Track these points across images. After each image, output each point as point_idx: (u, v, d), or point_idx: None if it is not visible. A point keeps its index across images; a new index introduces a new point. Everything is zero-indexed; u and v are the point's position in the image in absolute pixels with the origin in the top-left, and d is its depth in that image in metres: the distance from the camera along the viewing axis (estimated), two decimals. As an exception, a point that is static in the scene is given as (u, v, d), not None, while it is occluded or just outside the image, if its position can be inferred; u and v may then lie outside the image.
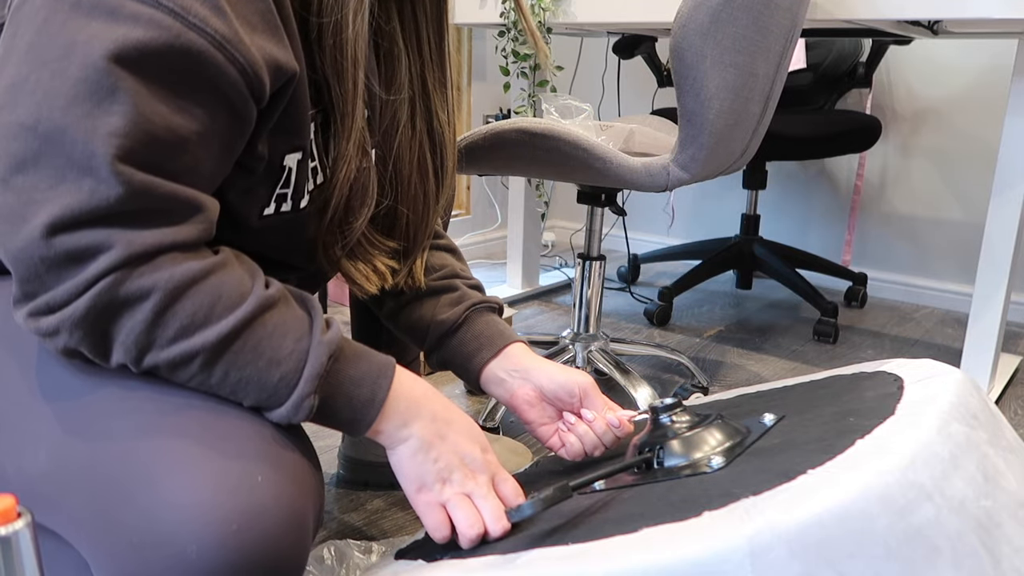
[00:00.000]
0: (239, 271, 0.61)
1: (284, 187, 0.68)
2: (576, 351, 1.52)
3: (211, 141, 0.58)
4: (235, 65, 0.56)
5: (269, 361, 0.60)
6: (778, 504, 0.49)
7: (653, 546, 0.50)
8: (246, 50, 0.57)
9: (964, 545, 0.48)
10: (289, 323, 0.62)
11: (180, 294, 0.57)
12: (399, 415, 0.67)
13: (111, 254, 0.54)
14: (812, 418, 0.67)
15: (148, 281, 0.56)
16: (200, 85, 0.56)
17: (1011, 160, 1.49)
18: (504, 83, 1.96)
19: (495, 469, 0.71)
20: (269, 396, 0.60)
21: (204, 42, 0.55)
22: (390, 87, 0.80)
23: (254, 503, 0.55)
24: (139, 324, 0.56)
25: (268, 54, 0.59)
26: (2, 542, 0.40)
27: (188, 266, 0.57)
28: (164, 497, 0.54)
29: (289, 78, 0.62)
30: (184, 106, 0.56)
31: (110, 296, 0.55)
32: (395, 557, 0.74)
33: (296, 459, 0.61)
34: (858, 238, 2.45)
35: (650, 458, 0.69)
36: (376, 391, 0.66)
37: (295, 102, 0.64)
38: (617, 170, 1.20)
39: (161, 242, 0.56)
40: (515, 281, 2.33)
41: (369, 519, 1.14)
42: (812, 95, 2.30)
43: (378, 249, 0.82)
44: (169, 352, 0.58)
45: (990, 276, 1.55)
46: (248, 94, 0.59)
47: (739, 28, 1.13)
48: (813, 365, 1.83)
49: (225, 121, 0.59)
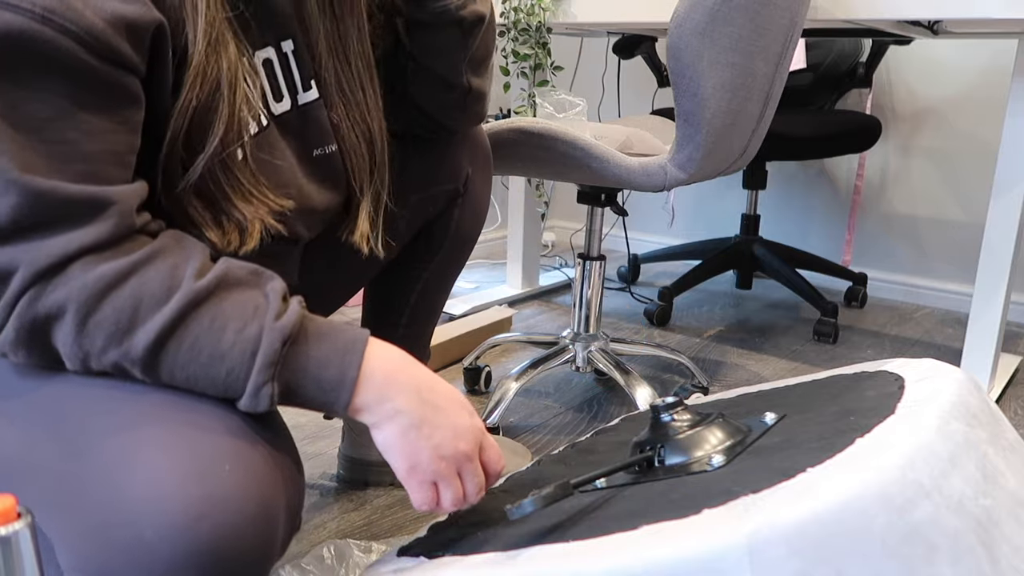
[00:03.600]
0: (169, 261, 0.58)
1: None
2: (576, 351, 1.52)
3: (86, 121, 0.55)
4: (69, 35, 0.52)
5: (211, 357, 0.58)
6: (777, 502, 0.49)
7: (653, 543, 0.50)
8: (77, 16, 0.52)
9: (962, 544, 0.48)
10: (229, 312, 0.58)
11: (97, 303, 0.55)
12: (377, 390, 0.63)
13: (19, 275, 0.54)
14: (813, 417, 0.67)
15: (61, 295, 0.55)
16: (38, 66, 0.52)
17: (1011, 160, 1.49)
18: (504, 83, 1.97)
19: (480, 434, 0.69)
20: (224, 390, 0.59)
21: (23, 19, 0.51)
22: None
23: (218, 491, 0.54)
24: (68, 336, 0.55)
25: (111, 12, 0.54)
26: (2, 542, 0.40)
27: (101, 271, 0.55)
28: (127, 481, 0.54)
29: (155, 31, 0.58)
30: (32, 93, 0.53)
31: (31, 316, 0.55)
32: (397, 554, 0.74)
33: (267, 451, 0.59)
34: (858, 238, 2.45)
35: (651, 456, 0.69)
36: (345, 369, 0.62)
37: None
38: (615, 170, 1.20)
39: (67, 249, 0.54)
40: (515, 281, 2.33)
41: (369, 519, 1.14)
42: (812, 95, 2.31)
43: (256, 201, 0.69)
44: (106, 360, 0.57)
45: (990, 276, 1.55)
46: (98, 62, 0.54)
47: (736, 28, 1.13)
48: (813, 365, 1.83)
49: (91, 97, 0.55)
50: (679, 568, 0.48)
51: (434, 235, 1.07)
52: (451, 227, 1.07)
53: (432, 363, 1.71)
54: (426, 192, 1.02)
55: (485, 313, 1.94)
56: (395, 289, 1.11)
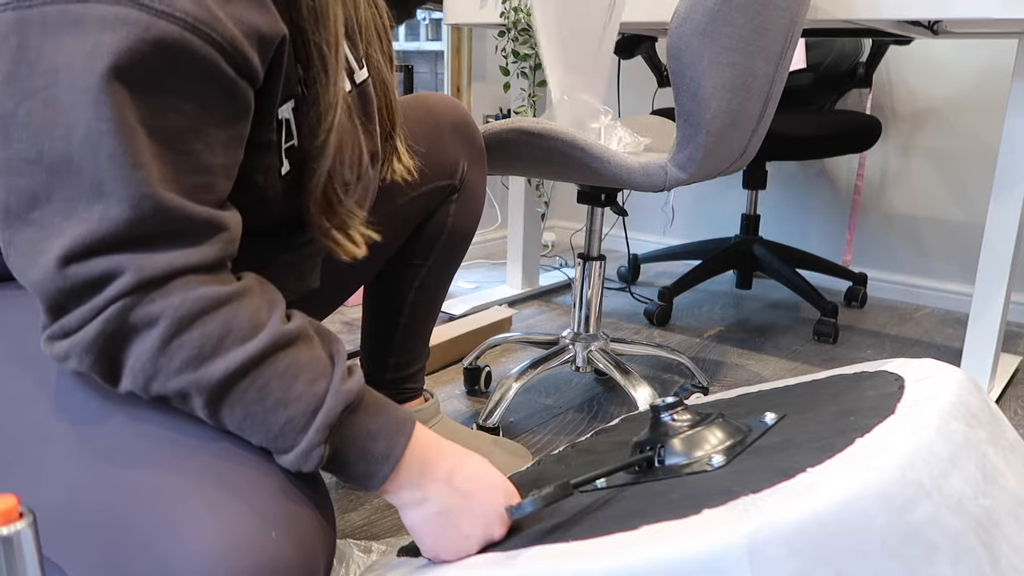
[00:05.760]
0: (257, 301, 0.58)
1: (288, 139, 0.65)
2: (576, 351, 1.52)
3: (211, 134, 0.56)
4: (214, 46, 0.53)
5: (276, 402, 0.57)
6: (777, 502, 0.49)
7: (653, 543, 0.50)
8: (222, 26, 0.53)
9: (962, 543, 0.48)
10: (304, 364, 0.58)
11: (189, 323, 0.55)
12: (412, 476, 0.64)
13: (122, 280, 0.53)
14: (813, 417, 0.67)
15: (157, 308, 0.54)
16: (184, 76, 0.53)
17: (1011, 160, 1.49)
18: (504, 83, 1.97)
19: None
20: (274, 438, 0.58)
21: (176, 28, 0.51)
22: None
23: (266, 561, 0.54)
24: (146, 352, 0.55)
25: (248, 24, 0.55)
26: (4, 542, 0.40)
27: (201, 293, 0.55)
28: (178, 549, 0.53)
29: (279, 44, 0.58)
30: (174, 103, 0.53)
31: (119, 322, 0.54)
32: (397, 554, 0.74)
33: (310, 515, 0.59)
34: (858, 238, 2.45)
35: (651, 456, 0.69)
36: (392, 447, 0.62)
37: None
38: (615, 170, 1.20)
39: (173, 265, 0.54)
40: (515, 281, 2.33)
41: (369, 519, 1.14)
42: (812, 95, 2.31)
43: (354, 217, 0.73)
44: (174, 383, 0.56)
45: (990, 276, 1.55)
46: (235, 74, 0.55)
47: (736, 28, 1.13)
48: (813, 365, 1.83)
49: (220, 109, 0.56)
50: (679, 568, 0.48)
51: (431, 232, 1.07)
52: (447, 223, 1.07)
53: (432, 363, 1.71)
54: (422, 188, 1.02)
55: (485, 313, 1.94)
56: (393, 287, 1.11)
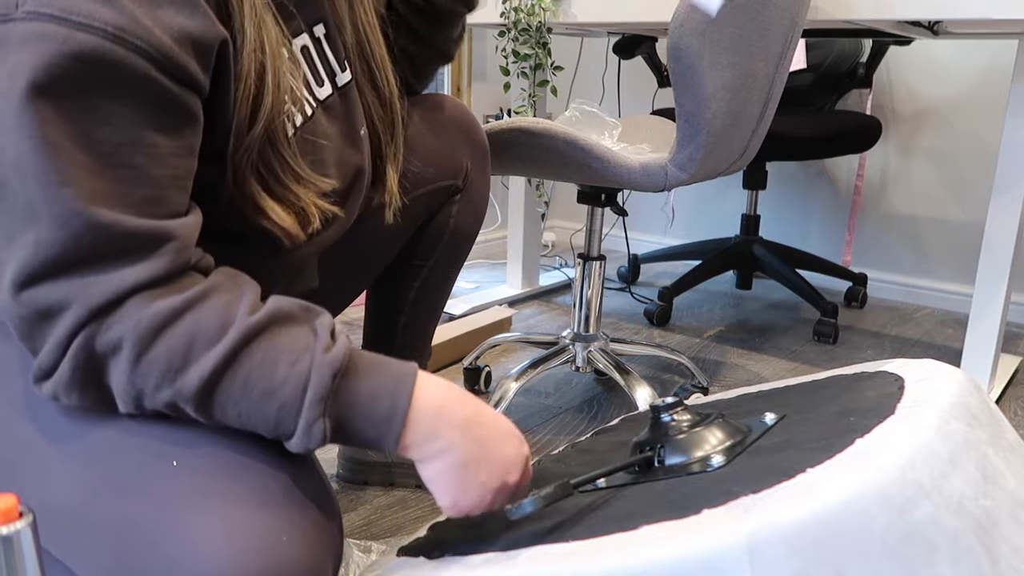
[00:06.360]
0: (225, 297, 0.57)
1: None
2: (576, 351, 1.52)
3: (154, 146, 0.54)
4: (140, 54, 0.51)
5: (263, 393, 0.56)
6: (777, 502, 0.49)
7: (652, 543, 0.50)
8: (148, 34, 0.51)
9: (962, 544, 0.48)
10: (283, 347, 0.57)
11: (151, 341, 0.54)
12: (427, 426, 0.61)
13: (72, 312, 0.52)
14: (813, 417, 0.67)
15: (116, 333, 0.53)
16: (111, 87, 0.51)
17: (1011, 160, 1.49)
18: (504, 83, 1.97)
19: (528, 461, 0.67)
20: (276, 427, 0.57)
21: (96, 38, 0.49)
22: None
23: (276, 563, 0.54)
24: (122, 376, 0.54)
25: (179, 30, 0.53)
26: (4, 541, 0.40)
27: (156, 308, 0.54)
28: (187, 550, 0.53)
29: (221, 45, 0.56)
30: (104, 116, 0.51)
31: (86, 355, 0.53)
32: (397, 554, 0.74)
33: (317, 514, 0.59)
34: (858, 238, 2.45)
35: (651, 456, 0.69)
36: (396, 403, 0.60)
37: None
38: (615, 170, 1.20)
39: (123, 286, 0.53)
40: (515, 281, 2.33)
41: (369, 519, 1.14)
42: (812, 95, 2.31)
43: (306, 182, 0.68)
44: (160, 398, 0.56)
45: (990, 276, 1.55)
46: (170, 82, 0.53)
47: (737, 28, 1.13)
48: (813, 365, 1.83)
49: (160, 119, 0.54)
50: (679, 568, 0.48)
51: (433, 232, 1.07)
52: (450, 224, 1.07)
53: (432, 363, 1.71)
54: (425, 188, 1.02)
55: (485, 313, 1.94)
56: (396, 288, 1.11)
